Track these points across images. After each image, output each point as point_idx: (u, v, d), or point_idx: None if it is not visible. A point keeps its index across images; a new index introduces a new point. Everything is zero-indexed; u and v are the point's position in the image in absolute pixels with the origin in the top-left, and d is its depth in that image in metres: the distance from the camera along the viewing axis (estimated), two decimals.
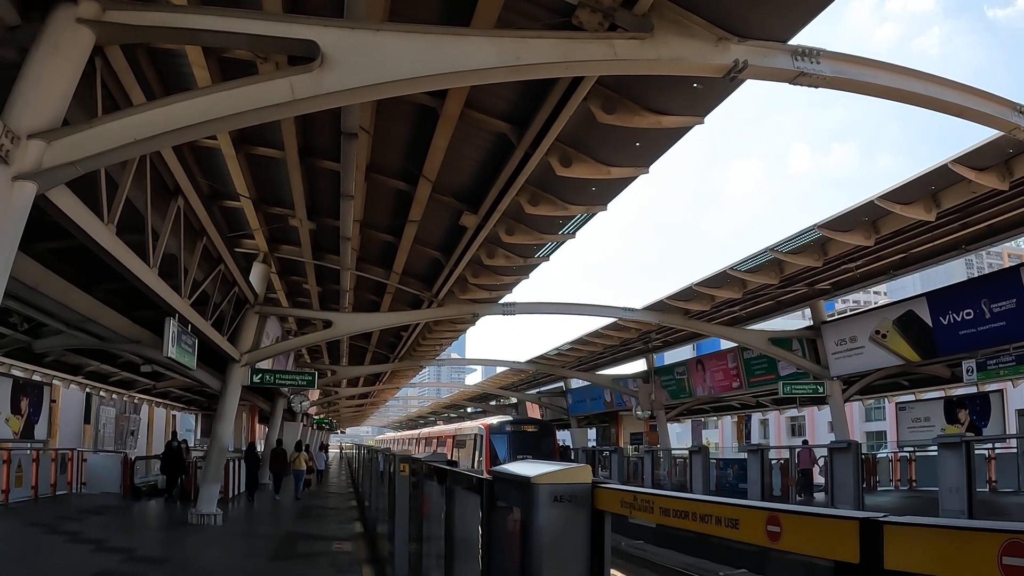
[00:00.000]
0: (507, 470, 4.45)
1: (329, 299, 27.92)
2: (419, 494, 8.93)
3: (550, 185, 15.75)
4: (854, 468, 22.12)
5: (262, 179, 17.59)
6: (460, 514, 6.00)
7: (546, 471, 3.85)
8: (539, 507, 3.74)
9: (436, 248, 21.09)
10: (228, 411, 22.45)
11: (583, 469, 3.88)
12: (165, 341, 15.13)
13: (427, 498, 7.98)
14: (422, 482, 8.38)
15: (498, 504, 4.63)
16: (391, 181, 16.80)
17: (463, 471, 6.03)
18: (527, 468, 4.24)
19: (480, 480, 5.04)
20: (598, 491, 3.80)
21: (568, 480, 3.82)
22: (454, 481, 6.13)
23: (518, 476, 4.05)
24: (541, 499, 3.75)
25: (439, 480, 6.95)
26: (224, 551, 17.24)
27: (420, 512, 8.99)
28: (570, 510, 3.78)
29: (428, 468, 7.81)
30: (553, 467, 3.95)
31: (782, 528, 2.60)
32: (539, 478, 3.77)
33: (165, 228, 13.50)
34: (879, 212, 18.71)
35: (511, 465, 4.62)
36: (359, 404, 77.26)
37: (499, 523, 4.64)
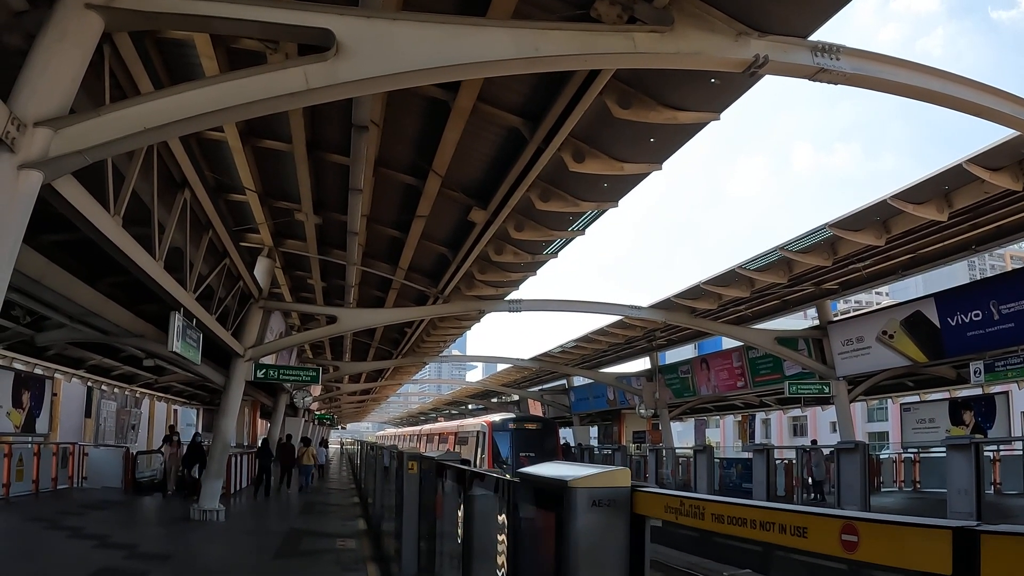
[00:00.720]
0: (537, 472, 4.26)
1: (334, 295, 27.70)
2: (430, 493, 8.76)
3: (561, 181, 15.58)
4: (861, 469, 22.00)
5: (268, 173, 17.41)
6: (479, 516, 5.82)
7: (583, 474, 3.66)
8: (576, 512, 3.55)
9: (443, 244, 20.90)
10: (231, 407, 22.28)
11: (621, 472, 3.70)
12: (170, 335, 14.93)
13: (440, 498, 7.79)
14: (435, 481, 8.19)
15: (525, 507, 4.43)
16: (399, 175, 16.62)
17: (485, 471, 5.82)
18: (559, 470, 4.07)
19: (505, 482, 4.84)
20: (638, 495, 3.61)
21: (607, 483, 3.63)
22: (473, 482, 5.94)
23: (552, 479, 3.86)
24: (579, 503, 3.56)
25: (455, 480, 6.77)
26: (227, 548, 17.08)
27: (431, 511, 8.82)
28: (608, 515, 3.59)
29: (442, 467, 7.63)
30: (588, 470, 3.76)
31: (860, 537, 2.42)
32: (577, 481, 3.59)
33: (171, 221, 13.31)
34: (891, 212, 18.55)
35: (539, 467, 4.44)
36: (360, 400, 77.12)
37: (525, 527, 4.44)
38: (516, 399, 60.74)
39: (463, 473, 6.34)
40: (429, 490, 8.87)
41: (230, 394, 22.15)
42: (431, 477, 8.57)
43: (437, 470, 7.83)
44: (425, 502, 9.40)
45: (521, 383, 56.83)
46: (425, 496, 9.48)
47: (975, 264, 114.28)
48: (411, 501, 10.88)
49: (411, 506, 10.87)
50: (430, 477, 8.69)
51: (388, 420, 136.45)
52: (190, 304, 15.57)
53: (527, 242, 19.24)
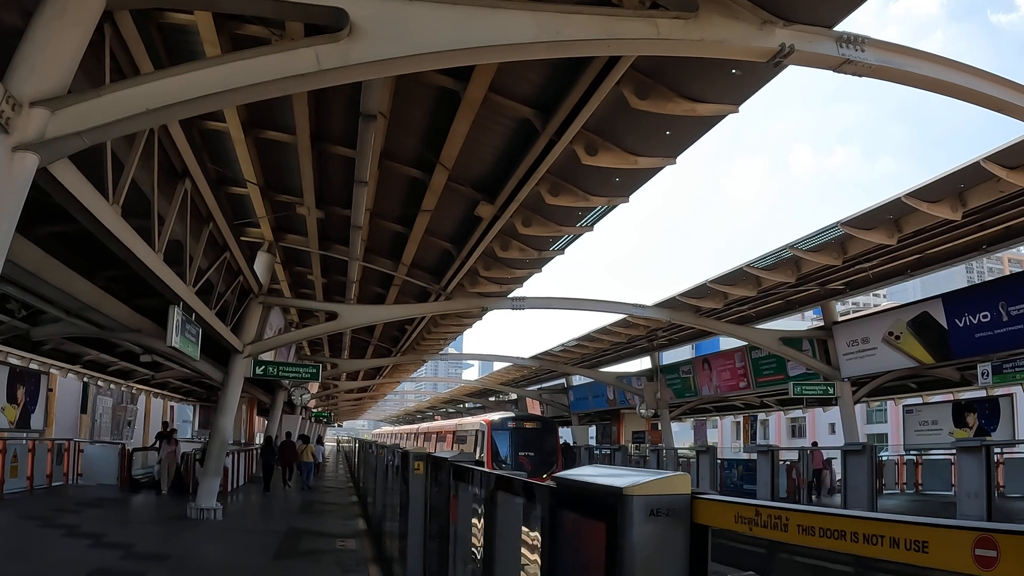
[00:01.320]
0: (582, 478, 3.90)
1: (334, 291, 27.35)
2: (441, 496, 8.39)
3: (572, 175, 15.22)
4: (868, 471, 21.70)
5: (270, 165, 17.06)
6: (504, 525, 5.46)
7: (639, 480, 3.30)
8: (633, 522, 3.20)
9: (448, 239, 20.54)
10: (230, 404, 21.91)
11: (681, 478, 3.34)
12: (169, 330, 14.52)
13: (454, 503, 7.42)
14: (446, 483, 7.82)
15: (566, 517, 4.06)
16: (405, 169, 16.25)
17: (513, 475, 5.45)
18: (607, 475, 3.72)
19: (540, 488, 4.45)
20: (700, 503, 3.26)
21: (665, 491, 3.28)
22: (499, 487, 5.56)
23: (603, 486, 3.49)
24: (636, 513, 3.20)
25: (476, 485, 6.39)
26: (226, 548, 16.73)
27: (441, 515, 8.46)
28: (667, 526, 3.24)
29: (460, 471, 7.26)
30: (643, 475, 3.41)
31: (1000, 552, 2.07)
32: (634, 488, 3.23)
33: (171, 213, 12.93)
34: (904, 210, 18.21)
35: (580, 472, 4.09)
36: (357, 398, 76.86)
37: (566, 539, 4.07)
38: (514, 398, 60.45)
39: (486, 477, 5.93)
40: (440, 493, 8.48)
41: (228, 391, 21.79)
42: (442, 479, 8.18)
43: (454, 472, 7.43)
44: (435, 505, 9.02)
45: (519, 382, 56.53)
46: (434, 499, 9.11)
47: (973, 267, 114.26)
48: (417, 504, 10.56)
49: (417, 509, 10.55)
50: (441, 479, 8.30)
51: (384, 418, 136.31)
52: (190, 298, 15.17)
53: (534, 238, 18.89)
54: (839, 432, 70.82)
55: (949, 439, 28.56)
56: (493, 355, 43.99)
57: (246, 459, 32.08)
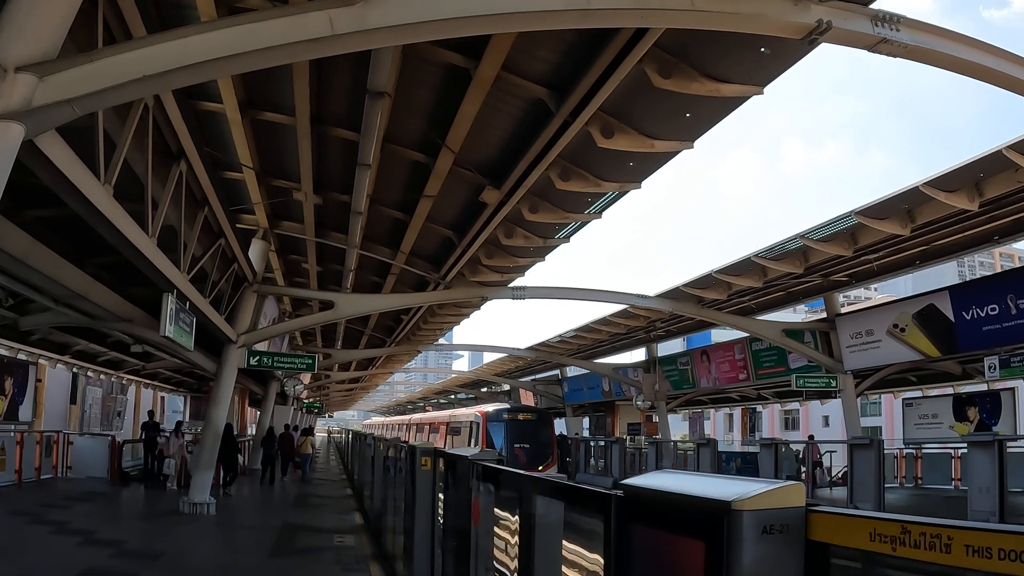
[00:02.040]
0: (663, 486, 3.30)
1: (329, 280, 26.80)
2: (460, 499, 7.82)
3: (584, 159, 14.66)
4: (876, 465, 21.13)
5: (267, 149, 16.50)
6: (545, 539, 4.89)
7: (748, 491, 2.72)
8: (743, 542, 2.63)
9: (449, 227, 19.97)
10: (223, 395, 21.30)
11: (794, 488, 2.76)
12: (162, 319, 13.84)
13: (478, 505, 6.84)
14: (465, 484, 7.23)
15: (641, 534, 3.46)
16: (409, 152, 15.65)
17: (557, 479, 4.86)
18: (697, 483, 3.15)
19: (601, 497, 3.82)
20: (816, 518, 2.70)
21: (777, 503, 2.70)
22: (536, 492, 4.96)
23: (703, 497, 2.89)
24: (747, 531, 2.63)
25: (510, 489, 5.80)
26: (221, 545, 16.23)
27: (457, 516, 7.91)
28: (780, 546, 2.67)
29: (486, 470, 6.69)
30: (749, 484, 2.83)
31: None
32: (744, 501, 2.66)
33: (165, 196, 12.34)
34: (920, 199, 17.70)
35: (656, 478, 3.52)
36: (349, 389, 76.23)
37: (643, 561, 3.47)
38: (507, 389, 60.00)
39: (522, 481, 5.29)
40: (460, 496, 7.91)
41: (222, 382, 21.21)
42: (462, 480, 7.60)
43: (478, 473, 6.85)
44: (453, 509, 8.45)
45: (512, 373, 56.06)
46: (452, 502, 8.55)
47: (964, 263, 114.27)
48: (424, 501, 10.04)
49: (424, 507, 10.02)
50: (460, 479, 7.72)
51: (374, 409, 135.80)
52: (184, 286, 14.56)
53: (540, 225, 18.34)
54: (833, 425, 71.22)
55: (950, 433, 28.27)
56: (488, 346, 43.43)
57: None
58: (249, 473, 31.81)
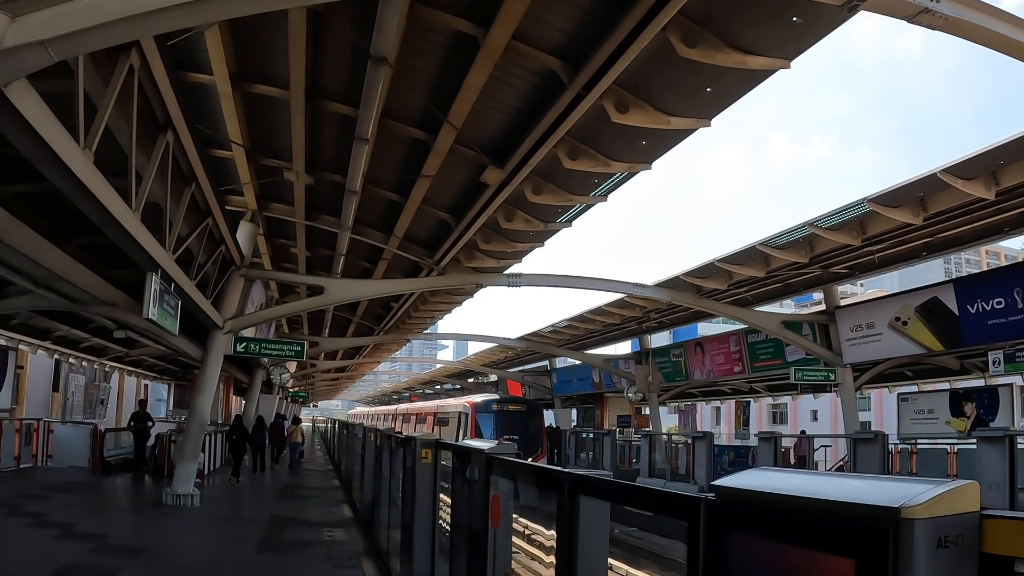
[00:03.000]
0: (779, 488, 2.63)
1: (318, 265, 26.04)
2: (467, 494, 7.13)
3: (594, 136, 13.96)
4: (881, 460, 20.66)
5: (258, 125, 15.76)
6: (587, 544, 4.19)
7: (915, 493, 2.08)
8: (916, 559, 2.00)
9: (446, 210, 19.25)
10: (209, 383, 20.57)
11: (967, 488, 2.13)
12: (146, 300, 12.97)
13: (498, 502, 6.12)
14: (480, 481, 6.52)
15: (753, 547, 2.75)
16: (407, 129, 14.91)
17: (600, 475, 4.15)
18: (827, 485, 2.52)
19: (685, 501, 3.11)
20: (994, 525, 2.06)
21: (952, 509, 2.07)
22: (581, 490, 4.25)
23: (857, 503, 2.23)
24: (920, 544, 2.00)
25: (544, 486, 5.10)
26: (206, 539, 15.53)
27: (467, 515, 7.23)
28: (953, 561, 2.05)
29: (505, 465, 6.00)
30: (917, 485, 2.18)
31: None
32: (916, 508, 2.01)
33: (150, 169, 11.56)
34: (936, 187, 17.10)
35: (758, 477, 2.85)
36: (335, 378, 75.43)
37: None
38: (494, 379, 59.46)
39: (561, 478, 4.54)
40: (465, 490, 7.23)
41: (207, 369, 20.48)
42: (472, 475, 6.91)
43: (495, 468, 6.14)
44: (458, 505, 7.77)
45: (500, 363, 55.51)
46: (457, 496, 7.87)
47: (951, 260, 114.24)
48: (424, 496, 9.39)
49: (424, 502, 9.38)
50: (469, 474, 7.03)
51: (359, 399, 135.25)
52: (169, 266, 13.76)
53: (543, 207, 17.62)
54: (822, 420, 70.87)
55: (946, 429, 28.02)
56: (478, 335, 42.82)
57: (223, 441, 30.80)
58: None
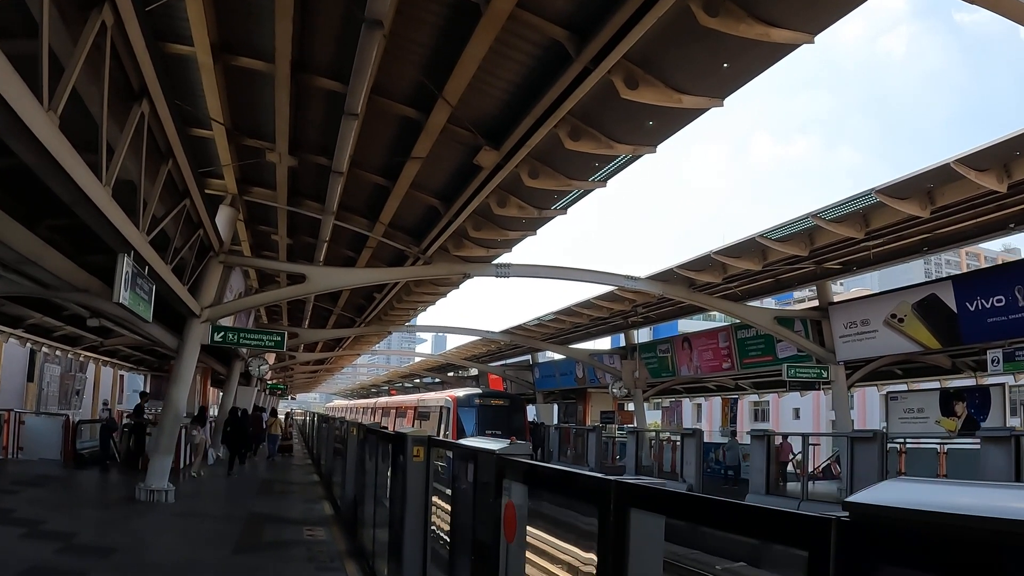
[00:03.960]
0: (947, 507, 1.94)
1: (299, 254, 25.20)
2: (471, 499, 6.39)
3: (599, 116, 13.22)
4: (879, 460, 20.10)
5: (240, 102, 14.96)
6: (639, 566, 3.45)
7: None
8: None
9: (436, 195, 18.46)
10: (185, 373, 19.72)
11: None
12: (116, 283, 11.94)
13: (514, 512, 5.34)
14: (489, 486, 5.73)
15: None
16: (398, 107, 14.10)
17: (661, 486, 3.39)
18: None
19: (815, 524, 2.33)
20: None
21: None
22: (632, 501, 3.48)
23: None
24: None
25: (564, 492, 4.32)
26: (179, 538, 14.66)
27: (467, 524, 6.49)
28: None
29: (530, 471, 5.24)
30: None
31: None
32: None
33: (123, 142, 10.72)
34: (947, 178, 16.51)
35: (903, 487, 2.14)
36: (314, 370, 74.48)
37: None
38: (475, 373, 58.80)
39: (604, 487, 3.74)
40: (470, 495, 6.47)
41: (184, 359, 19.62)
42: (479, 478, 6.15)
43: (519, 474, 5.35)
44: (459, 511, 7.01)
45: (482, 357, 54.86)
46: (458, 501, 7.12)
47: (931, 260, 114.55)
48: (416, 499, 8.67)
49: (416, 506, 8.66)
50: (476, 477, 6.28)
51: (338, 392, 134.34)
52: (142, 248, 12.87)
53: (538, 192, 16.85)
54: (804, 417, 70.55)
55: (936, 428, 27.73)
56: (461, 328, 41.93)
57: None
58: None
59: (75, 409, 37.99)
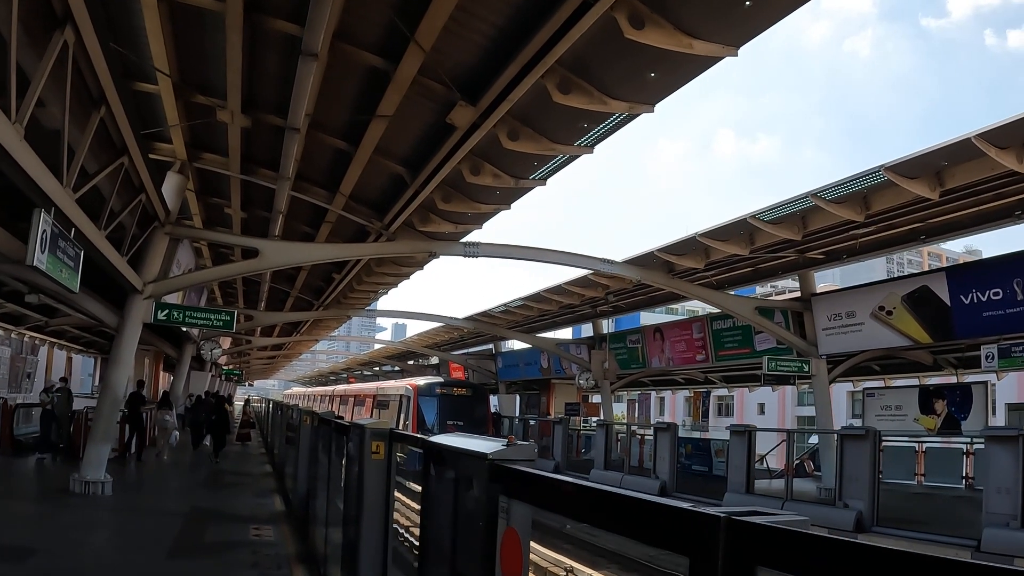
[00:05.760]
0: None
1: (254, 229, 23.44)
2: (450, 512, 4.89)
3: (593, 65, 11.65)
4: (871, 459, 18.85)
5: (189, 50, 13.24)
6: None
7: None
8: None
9: (403, 162, 16.84)
10: (125, 354, 18.01)
11: None
12: (31, 243, 9.94)
13: (517, 541, 3.81)
14: (478, 501, 4.20)
15: None
16: (365, 55, 12.43)
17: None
18: None
19: None
20: None
21: None
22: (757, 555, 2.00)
23: None
24: None
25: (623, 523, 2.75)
26: (110, 538, 13.15)
27: (443, 543, 5.02)
28: None
29: (549, 489, 3.65)
30: None
31: None
32: None
33: (40, 74, 9.07)
34: (966, 155, 15.25)
35: None
36: (271, 356, 72.62)
37: None
38: (435, 362, 57.45)
39: (709, 527, 2.21)
40: (449, 507, 4.94)
41: (123, 338, 17.92)
42: (461, 489, 4.64)
43: (525, 490, 3.76)
44: (431, 525, 5.48)
45: (443, 345, 53.58)
46: (429, 512, 5.60)
47: (893, 259, 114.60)
48: (376, 503, 7.20)
49: (376, 510, 7.19)
50: (456, 487, 4.77)
51: (296, 379, 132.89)
52: (66, 204, 11.14)
53: (518, 158, 15.31)
54: (768, 413, 69.92)
55: (914, 426, 26.77)
56: (423, 313, 40.34)
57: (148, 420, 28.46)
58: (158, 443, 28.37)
59: (26, 392, 36.80)
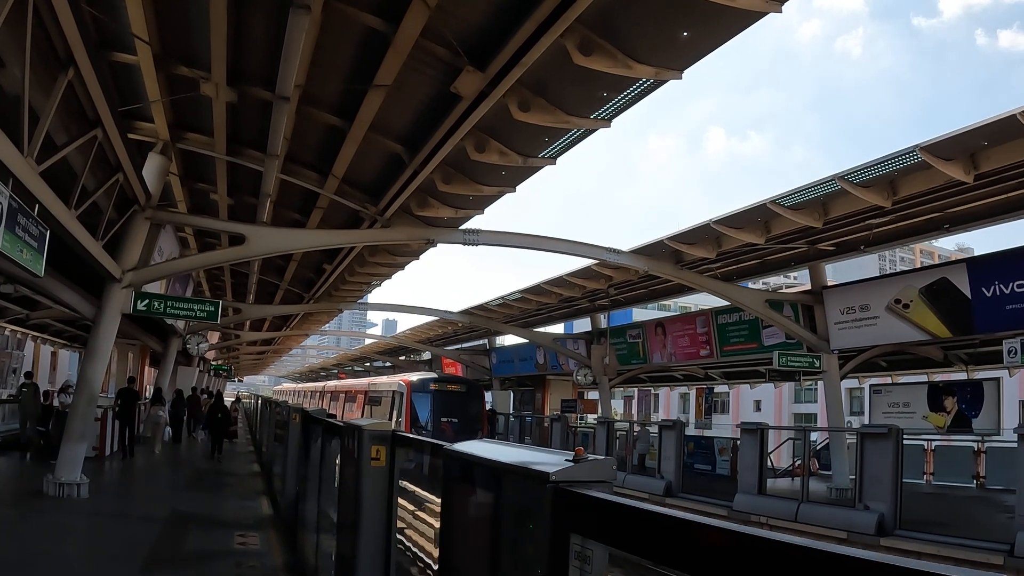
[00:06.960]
0: None
1: (241, 216, 22.24)
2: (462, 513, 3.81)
3: (620, 23, 10.53)
4: (894, 459, 17.79)
5: (169, 15, 12.11)
6: None
7: None
8: None
9: (400, 139, 15.70)
10: (102, 346, 16.90)
11: None
12: None
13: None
14: (546, 548, 3.08)
15: None
16: (362, 15, 11.27)
17: None
18: None
19: None
20: None
21: None
22: None
23: None
24: None
25: None
26: (81, 546, 12.04)
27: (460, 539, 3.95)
28: None
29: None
30: None
31: None
32: None
33: None
34: (1006, 134, 14.25)
35: None
36: (260, 351, 71.42)
37: None
38: (428, 358, 56.56)
39: None
40: (470, 541, 3.86)
41: (101, 330, 16.83)
42: (502, 521, 3.54)
43: (635, 537, 2.64)
44: (449, 526, 4.39)
45: (436, 340, 52.77)
46: (446, 521, 4.50)
47: (886, 256, 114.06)
48: (375, 516, 6.13)
49: (375, 524, 6.12)
50: (493, 515, 3.68)
51: (286, 375, 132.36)
52: (27, 177, 10.00)
53: (528, 132, 14.15)
54: (765, 410, 68.86)
55: (923, 424, 26.29)
56: (417, 307, 39.34)
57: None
58: (144, 441, 27.17)
59: (11, 388, 36.19)
